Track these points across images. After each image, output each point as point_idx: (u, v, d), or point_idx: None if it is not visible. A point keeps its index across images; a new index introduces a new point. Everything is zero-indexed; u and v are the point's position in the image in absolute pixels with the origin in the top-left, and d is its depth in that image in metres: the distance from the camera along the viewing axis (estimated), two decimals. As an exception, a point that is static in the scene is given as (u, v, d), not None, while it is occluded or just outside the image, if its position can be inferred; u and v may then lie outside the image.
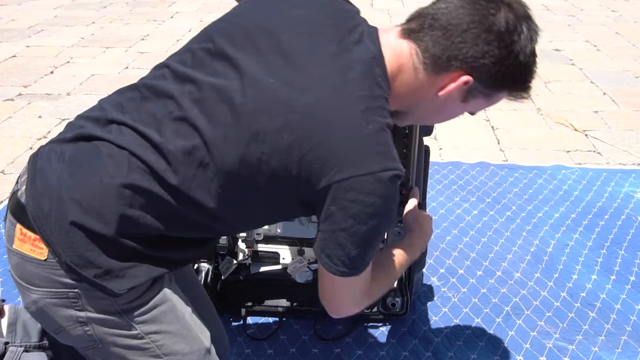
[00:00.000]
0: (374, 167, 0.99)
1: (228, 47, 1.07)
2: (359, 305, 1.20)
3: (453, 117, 1.18)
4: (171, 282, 1.21)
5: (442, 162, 3.04)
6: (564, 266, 2.24)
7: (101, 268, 1.05)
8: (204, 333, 1.25)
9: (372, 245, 1.08)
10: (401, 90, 1.09)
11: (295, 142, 0.99)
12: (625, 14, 6.21)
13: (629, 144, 3.29)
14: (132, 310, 1.11)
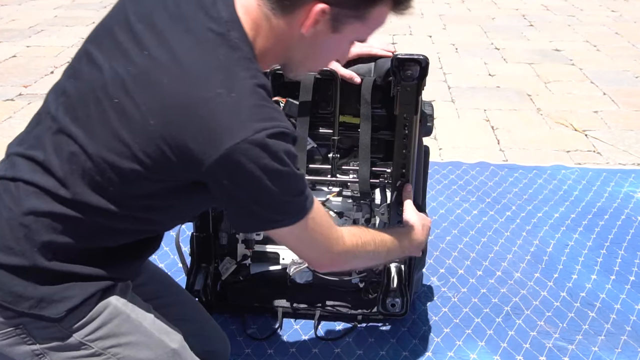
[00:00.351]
0: (246, 133, 0.96)
1: (92, 48, 1.08)
2: (341, 254, 1.20)
3: (342, 53, 1.15)
4: (125, 292, 1.20)
5: (442, 162, 3.04)
6: (564, 266, 2.24)
7: (33, 298, 1.05)
8: (170, 335, 1.24)
9: (291, 191, 1.05)
10: (267, 44, 1.06)
11: (163, 127, 0.98)
12: (625, 14, 6.21)
13: (629, 144, 3.29)
14: (82, 331, 1.11)
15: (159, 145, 0.98)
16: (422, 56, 1.51)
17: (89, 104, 1.03)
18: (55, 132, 1.05)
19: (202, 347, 1.41)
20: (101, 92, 1.02)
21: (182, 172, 1.01)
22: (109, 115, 1.01)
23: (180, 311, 1.41)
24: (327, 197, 1.77)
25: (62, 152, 1.04)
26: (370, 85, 1.59)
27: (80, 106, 1.04)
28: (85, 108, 1.03)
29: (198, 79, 0.98)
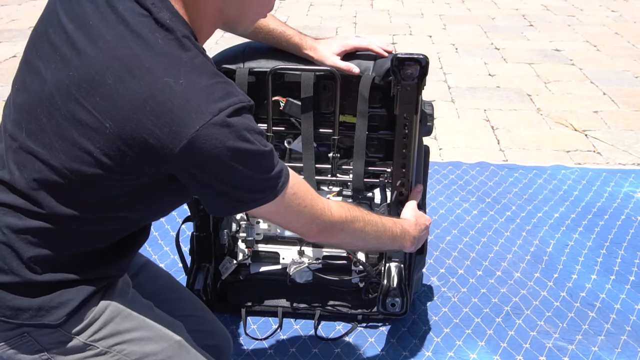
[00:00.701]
0: (203, 118, 0.93)
1: (32, 56, 1.06)
2: (327, 224, 1.19)
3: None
4: (126, 291, 1.21)
5: (442, 162, 3.04)
6: (564, 266, 2.24)
7: (31, 309, 1.05)
8: (173, 326, 1.25)
9: (263, 169, 1.03)
10: (197, 14, 1.04)
11: (119, 128, 0.95)
12: (625, 14, 6.21)
13: (629, 144, 3.29)
14: (85, 332, 1.12)
15: (120, 147, 0.96)
16: (422, 56, 1.51)
17: (40, 117, 1.01)
18: (16, 150, 1.03)
19: (204, 342, 1.41)
20: (49, 104, 1.00)
21: (149, 168, 0.99)
22: (64, 126, 0.99)
23: (181, 307, 1.42)
24: (327, 197, 1.77)
25: (26, 169, 1.02)
26: (369, 83, 1.59)
27: (32, 120, 1.02)
28: (38, 122, 1.01)
29: (141, 72, 0.95)
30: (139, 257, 1.44)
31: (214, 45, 5.00)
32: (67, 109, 0.98)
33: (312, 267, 1.83)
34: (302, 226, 1.18)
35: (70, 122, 0.98)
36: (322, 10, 6.38)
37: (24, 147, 1.03)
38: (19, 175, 1.03)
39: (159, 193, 1.08)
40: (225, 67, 1.64)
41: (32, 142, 1.02)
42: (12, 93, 1.10)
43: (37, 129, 1.01)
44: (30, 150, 1.02)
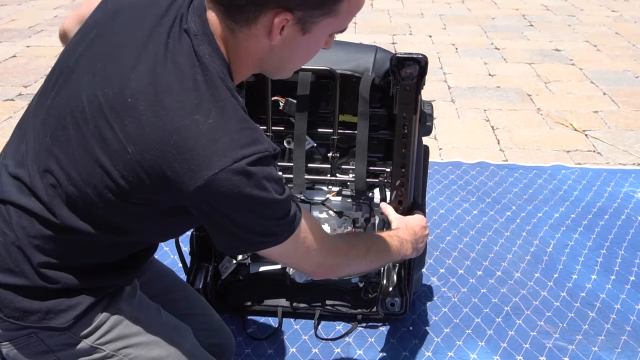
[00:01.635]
0: (224, 162, 0.92)
1: (71, 62, 1.06)
2: (334, 264, 1.20)
3: (316, 49, 1.07)
4: (133, 294, 1.21)
5: (442, 162, 3.04)
6: (564, 266, 2.24)
7: (40, 312, 1.06)
8: (180, 332, 1.25)
9: (275, 216, 1.02)
10: (238, 57, 1.02)
11: (141, 155, 0.95)
12: (625, 14, 6.21)
13: (629, 144, 3.29)
14: (92, 336, 1.12)
15: (138, 173, 0.96)
16: (422, 55, 1.51)
17: (68, 127, 1.01)
18: (38, 152, 1.03)
19: (209, 340, 1.42)
20: (80, 116, 1.00)
21: (163, 198, 0.99)
22: (89, 141, 0.98)
23: (185, 306, 1.42)
24: (326, 197, 1.77)
25: (45, 175, 1.02)
26: (369, 84, 1.59)
27: (59, 127, 1.02)
28: (65, 130, 1.01)
29: (173, 105, 0.94)
30: None
31: (214, 45, 5.00)
32: (96, 125, 0.98)
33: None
34: (309, 267, 1.18)
35: (96, 138, 0.98)
36: (322, 10, 6.36)
37: (47, 151, 1.02)
38: (38, 179, 1.02)
39: (172, 220, 1.07)
40: None
41: (55, 148, 1.01)
42: (46, 89, 1.09)
43: (63, 136, 1.01)
44: (53, 156, 1.01)
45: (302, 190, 1.72)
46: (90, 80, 1.01)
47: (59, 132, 1.02)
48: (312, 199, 1.78)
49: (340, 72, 1.60)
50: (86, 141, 0.99)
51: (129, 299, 1.19)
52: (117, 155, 0.97)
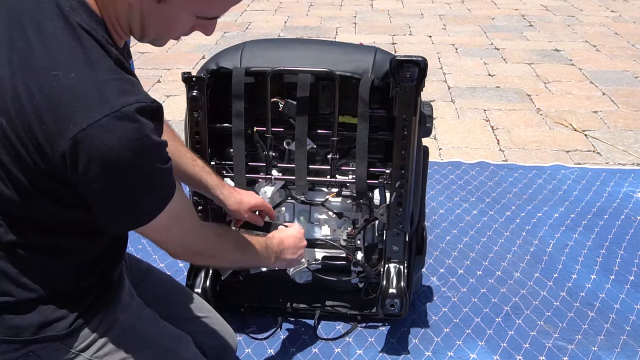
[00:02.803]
0: (92, 117, 0.86)
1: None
2: (198, 252, 1.18)
3: (180, 26, 1.01)
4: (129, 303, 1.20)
5: (442, 162, 3.04)
6: (564, 266, 2.24)
7: (33, 326, 1.05)
8: (179, 341, 1.24)
9: (152, 184, 0.96)
10: (109, 11, 0.96)
11: (10, 121, 0.90)
12: (625, 14, 6.21)
13: (628, 144, 3.29)
14: (90, 349, 1.11)
15: (17, 147, 0.91)
16: (421, 58, 1.51)
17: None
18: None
19: (212, 342, 1.42)
20: None
21: (50, 181, 0.94)
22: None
23: (187, 310, 1.42)
24: (326, 198, 1.78)
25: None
26: (369, 85, 1.60)
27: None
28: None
29: (33, 64, 0.89)
30: (141, 263, 1.44)
31: (214, 46, 5.01)
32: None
33: (312, 268, 1.83)
34: (174, 248, 1.14)
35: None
36: (322, 10, 6.38)
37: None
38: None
39: (81, 216, 1.01)
40: (222, 67, 1.64)
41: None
42: None
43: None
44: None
45: (304, 192, 1.72)
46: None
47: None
48: (312, 200, 1.79)
49: (339, 73, 1.61)
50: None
51: (126, 309, 1.18)
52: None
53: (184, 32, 1.03)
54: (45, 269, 1.05)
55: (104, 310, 1.13)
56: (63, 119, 0.87)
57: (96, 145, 0.87)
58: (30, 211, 0.99)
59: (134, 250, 2.22)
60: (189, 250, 1.15)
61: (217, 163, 1.74)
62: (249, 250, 1.32)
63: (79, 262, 1.09)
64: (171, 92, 3.97)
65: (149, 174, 0.94)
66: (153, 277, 1.43)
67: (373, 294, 1.85)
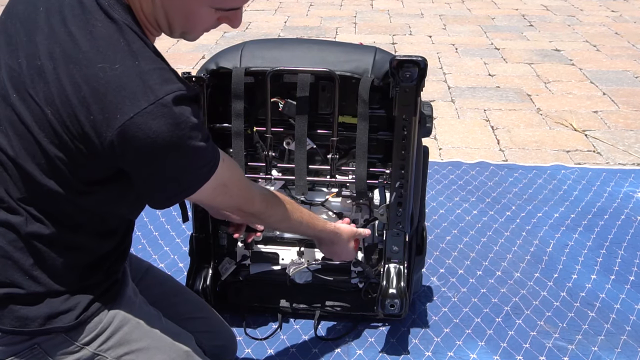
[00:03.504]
0: (138, 106, 0.91)
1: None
2: (248, 214, 1.26)
3: (199, 15, 1.05)
4: (133, 300, 1.21)
5: (442, 162, 3.04)
6: (564, 266, 2.24)
7: (40, 317, 1.06)
8: (181, 337, 1.25)
9: (198, 161, 1.02)
10: (136, 6, 1.01)
11: (56, 112, 0.94)
12: (625, 14, 6.21)
13: (629, 144, 3.29)
14: (94, 343, 1.12)
15: (62, 136, 0.96)
16: (421, 58, 1.51)
17: (7, 112, 1.00)
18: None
19: (212, 342, 1.42)
20: (3, 92, 1.00)
21: (94, 162, 0.98)
22: (14, 114, 0.99)
23: (187, 310, 1.43)
24: (326, 198, 1.78)
25: None
26: (368, 85, 1.60)
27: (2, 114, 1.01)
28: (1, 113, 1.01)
29: (78, 57, 0.94)
30: (141, 262, 1.45)
31: (214, 46, 5.01)
32: (18, 96, 0.98)
33: (312, 268, 1.83)
34: (226, 209, 1.27)
35: (19, 108, 0.98)
36: (322, 10, 6.38)
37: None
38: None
39: (121, 187, 1.05)
40: (222, 67, 1.64)
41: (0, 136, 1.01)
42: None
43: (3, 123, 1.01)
44: None
45: (304, 192, 1.72)
46: (7, 57, 1.01)
47: None
48: (312, 200, 1.78)
49: (339, 73, 1.60)
50: (12, 115, 0.99)
51: (130, 305, 1.19)
52: (40, 121, 0.96)
53: (209, 24, 1.08)
54: (58, 264, 1.06)
55: (109, 305, 1.15)
56: (110, 109, 0.92)
57: (144, 132, 0.92)
58: (58, 205, 1.02)
59: (134, 250, 2.22)
60: (238, 211, 1.25)
61: (216, 163, 1.74)
62: (295, 224, 1.39)
63: (89, 259, 1.11)
64: (171, 92, 3.96)
65: (193, 153, 0.99)
66: (153, 276, 1.43)
67: (373, 294, 1.85)
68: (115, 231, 1.15)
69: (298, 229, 1.43)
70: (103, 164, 0.99)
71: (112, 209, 1.10)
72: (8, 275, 1.04)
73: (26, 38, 0.99)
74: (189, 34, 1.10)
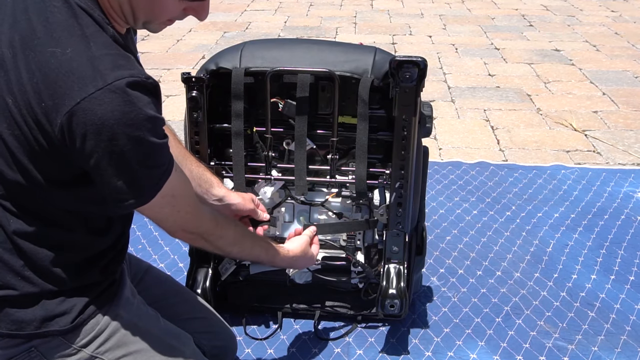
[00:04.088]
0: (86, 90, 0.89)
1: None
2: (194, 234, 1.15)
3: (163, 7, 1.03)
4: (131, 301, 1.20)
5: (442, 162, 3.04)
6: (564, 266, 2.24)
7: (36, 320, 1.06)
8: (180, 339, 1.25)
9: (149, 163, 0.97)
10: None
11: (15, 101, 0.94)
12: (625, 14, 6.21)
13: (629, 144, 3.29)
14: (92, 345, 1.12)
15: (22, 127, 0.94)
16: (421, 58, 1.51)
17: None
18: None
19: (212, 343, 1.42)
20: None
21: (52, 155, 0.96)
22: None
23: (187, 310, 1.42)
24: (326, 198, 1.78)
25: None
26: (368, 85, 1.60)
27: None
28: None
29: (33, 43, 0.93)
30: (141, 263, 1.44)
31: (214, 46, 5.01)
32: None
33: (312, 268, 1.83)
34: (166, 226, 1.12)
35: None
36: (322, 10, 6.38)
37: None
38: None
39: (82, 193, 1.03)
40: (222, 67, 1.64)
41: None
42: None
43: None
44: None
45: (304, 192, 1.72)
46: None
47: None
48: (312, 200, 1.78)
49: (339, 73, 1.60)
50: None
51: (127, 306, 1.18)
52: (3, 111, 0.95)
53: (174, 14, 1.05)
54: (48, 263, 1.06)
55: (106, 306, 1.14)
56: (59, 94, 0.90)
57: (90, 118, 0.90)
58: (34, 201, 1.01)
59: (134, 250, 2.22)
60: (184, 229, 1.14)
61: (216, 163, 1.74)
62: (247, 248, 1.32)
63: (80, 257, 1.10)
64: (171, 92, 3.97)
65: (143, 146, 0.95)
66: (153, 277, 1.43)
67: (373, 295, 1.85)
68: (107, 230, 1.13)
69: (250, 253, 1.34)
70: (60, 159, 0.97)
71: (81, 208, 1.06)
72: (0, 277, 1.04)
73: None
74: (152, 23, 1.06)
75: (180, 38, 5.24)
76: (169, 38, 5.20)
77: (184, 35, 5.33)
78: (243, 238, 1.30)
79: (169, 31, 5.41)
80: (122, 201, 0.99)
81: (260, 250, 1.37)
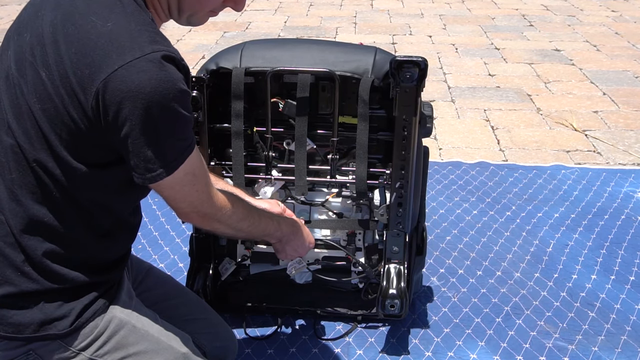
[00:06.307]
0: (123, 59, 0.92)
1: (10, 40, 1.09)
2: (208, 214, 1.16)
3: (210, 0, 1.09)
4: (129, 303, 1.20)
5: (442, 162, 3.04)
6: (564, 266, 2.24)
7: (33, 323, 1.05)
8: (179, 339, 1.24)
9: (178, 135, 1.00)
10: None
11: (50, 73, 0.97)
12: (625, 14, 6.21)
13: (629, 144, 3.29)
14: (90, 348, 1.12)
15: (54, 100, 0.96)
16: (421, 58, 1.51)
17: (2, 97, 1.03)
18: None
19: (212, 344, 1.42)
20: (7, 77, 1.03)
21: (81, 130, 0.97)
22: (16, 96, 1.00)
23: (187, 311, 1.42)
24: (326, 198, 1.78)
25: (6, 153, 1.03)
26: (369, 85, 1.60)
27: (6, 97, 1.03)
28: (7, 92, 1.03)
29: (74, 18, 0.98)
30: (142, 263, 1.44)
31: (214, 45, 5.01)
32: (16, 67, 1.01)
33: (312, 268, 1.83)
34: (181, 207, 1.13)
35: (17, 80, 1.00)
36: (322, 10, 6.38)
37: None
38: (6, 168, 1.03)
39: (118, 174, 1.05)
40: (222, 67, 1.64)
41: (8, 114, 1.02)
42: None
43: (9, 96, 1.03)
44: (7, 121, 1.02)
45: (304, 192, 1.72)
46: (16, 40, 1.04)
47: (5, 96, 1.03)
48: (312, 200, 1.78)
49: (339, 73, 1.60)
50: (14, 98, 1.01)
51: (125, 308, 1.18)
52: (35, 85, 0.98)
53: (216, 5, 1.10)
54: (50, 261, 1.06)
55: (105, 309, 1.14)
56: (97, 62, 0.93)
57: (128, 85, 0.92)
58: (45, 184, 1.02)
59: (134, 250, 2.21)
60: (198, 211, 1.15)
61: (216, 163, 1.74)
62: (256, 221, 1.32)
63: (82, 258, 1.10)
64: (171, 92, 3.97)
65: (174, 117, 0.98)
66: (154, 277, 1.43)
67: (373, 295, 1.85)
68: (111, 234, 1.13)
69: (259, 224, 1.33)
70: (90, 134, 0.98)
71: (98, 196, 1.07)
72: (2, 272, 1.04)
73: (34, 16, 1.03)
74: (196, 15, 1.11)
75: (180, 38, 5.24)
76: (169, 38, 5.19)
77: (184, 35, 5.33)
78: (250, 211, 1.31)
79: (169, 31, 5.40)
80: (150, 171, 1.00)
81: (267, 219, 1.37)
